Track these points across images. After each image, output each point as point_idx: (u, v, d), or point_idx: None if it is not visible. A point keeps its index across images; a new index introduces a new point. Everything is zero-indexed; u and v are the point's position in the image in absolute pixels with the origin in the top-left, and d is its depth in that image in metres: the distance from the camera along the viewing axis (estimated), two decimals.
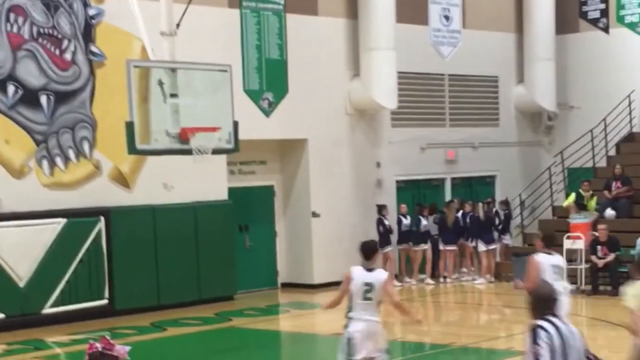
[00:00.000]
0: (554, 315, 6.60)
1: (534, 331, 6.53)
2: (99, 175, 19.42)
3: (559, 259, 12.66)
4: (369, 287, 10.71)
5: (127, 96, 14.19)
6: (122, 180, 19.76)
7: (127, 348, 4.90)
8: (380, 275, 10.79)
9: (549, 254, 12.52)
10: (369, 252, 10.91)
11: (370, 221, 23.12)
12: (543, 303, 6.64)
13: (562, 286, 12.03)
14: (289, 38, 22.44)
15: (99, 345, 4.86)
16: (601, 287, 20.32)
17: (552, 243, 13.43)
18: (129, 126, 14.18)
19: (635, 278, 11.19)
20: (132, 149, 14.63)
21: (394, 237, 22.89)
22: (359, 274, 10.77)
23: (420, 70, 25.14)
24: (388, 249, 22.34)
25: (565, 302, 11.90)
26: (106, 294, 19.05)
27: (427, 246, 23.34)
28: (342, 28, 23.52)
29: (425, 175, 25.57)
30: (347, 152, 23.66)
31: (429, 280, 23.25)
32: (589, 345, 7.36)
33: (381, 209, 23.16)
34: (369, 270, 10.78)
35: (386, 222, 22.78)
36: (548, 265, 12.28)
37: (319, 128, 22.90)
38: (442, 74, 25.78)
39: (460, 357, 14.73)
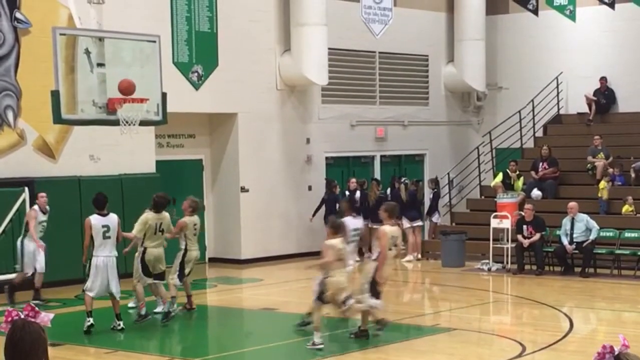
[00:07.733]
0: None
1: None
2: (23, 144, 19.07)
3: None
4: (107, 228, 14.06)
5: (53, 64, 13.99)
6: (47, 150, 19.43)
7: (51, 316, 4.75)
8: (113, 218, 14.24)
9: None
10: (101, 203, 14.08)
11: (298, 196, 23.06)
12: None
13: None
14: (219, 11, 22.21)
15: (21, 313, 4.71)
16: (527, 267, 20.53)
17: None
18: (55, 95, 14.02)
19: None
20: (57, 118, 14.49)
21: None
22: (97, 220, 14.04)
23: (351, 47, 25.12)
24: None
25: None
26: None
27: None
28: (273, 2, 23.35)
29: (354, 153, 25.58)
30: (277, 127, 23.55)
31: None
32: None
33: (330, 183, 23.14)
34: (104, 215, 14.11)
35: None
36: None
37: (249, 103, 22.75)
38: (373, 52, 25.77)
39: (386, 333, 14.75)
